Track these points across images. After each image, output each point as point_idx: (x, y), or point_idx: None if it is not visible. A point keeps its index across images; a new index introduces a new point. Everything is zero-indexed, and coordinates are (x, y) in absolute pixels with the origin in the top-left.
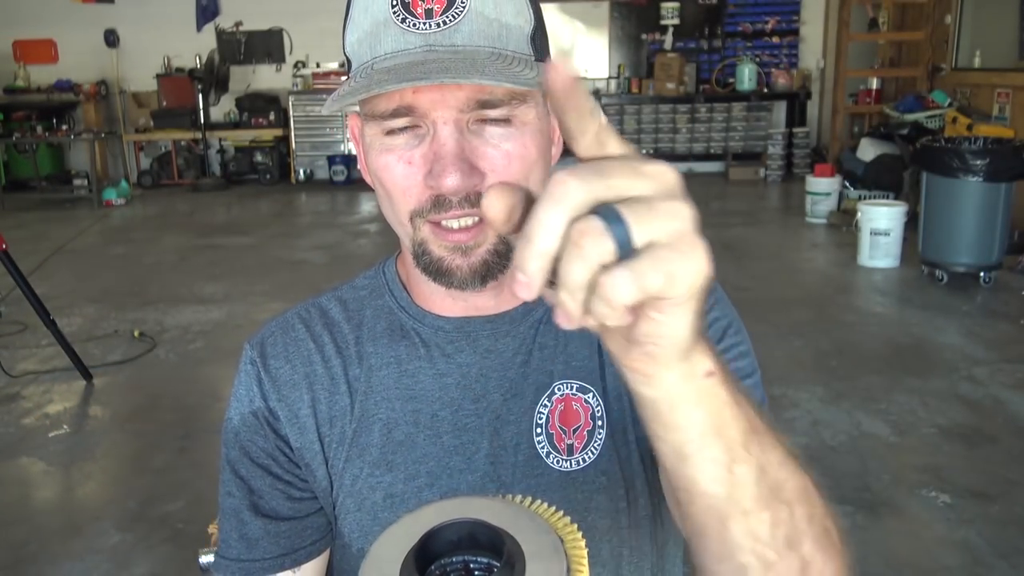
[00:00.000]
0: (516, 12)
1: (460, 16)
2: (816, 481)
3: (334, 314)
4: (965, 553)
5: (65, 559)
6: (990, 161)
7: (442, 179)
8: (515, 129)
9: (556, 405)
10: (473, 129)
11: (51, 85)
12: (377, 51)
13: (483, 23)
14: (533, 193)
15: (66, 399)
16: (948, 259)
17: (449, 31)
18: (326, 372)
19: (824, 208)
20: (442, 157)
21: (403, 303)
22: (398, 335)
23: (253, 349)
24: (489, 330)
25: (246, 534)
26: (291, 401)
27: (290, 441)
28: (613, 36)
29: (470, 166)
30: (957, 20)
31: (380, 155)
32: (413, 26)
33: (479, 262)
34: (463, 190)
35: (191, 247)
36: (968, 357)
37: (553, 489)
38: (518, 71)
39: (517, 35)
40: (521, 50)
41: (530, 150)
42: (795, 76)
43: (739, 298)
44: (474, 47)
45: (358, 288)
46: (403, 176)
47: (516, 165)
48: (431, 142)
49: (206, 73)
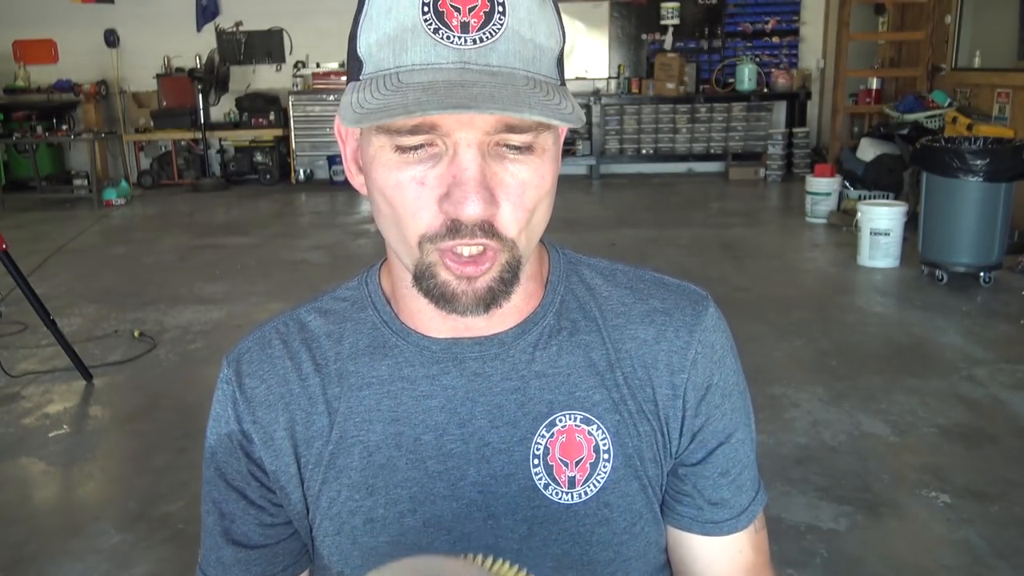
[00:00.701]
0: (549, 33)
1: (497, 34)
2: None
3: (314, 327)
4: (965, 553)
5: (65, 559)
6: (990, 161)
7: (462, 206)
8: (535, 157)
9: (558, 436)
10: (493, 152)
11: (51, 85)
12: (403, 60)
13: (519, 44)
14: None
15: (66, 399)
16: (948, 259)
17: (485, 49)
18: (303, 391)
19: (824, 208)
20: (463, 183)
21: (387, 318)
22: (380, 353)
23: (229, 367)
24: (477, 352)
25: (220, 558)
26: (266, 423)
27: (264, 464)
28: (613, 36)
29: (490, 194)
30: (957, 20)
31: (390, 172)
32: (447, 39)
33: (484, 288)
34: (482, 218)
35: (191, 247)
36: (968, 357)
37: (552, 521)
38: (556, 104)
39: (548, 58)
40: (551, 75)
41: (546, 180)
42: (795, 76)
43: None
44: (510, 69)
45: (339, 300)
46: (415, 199)
47: (530, 194)
48: (449, 164)
49: (206, 73)
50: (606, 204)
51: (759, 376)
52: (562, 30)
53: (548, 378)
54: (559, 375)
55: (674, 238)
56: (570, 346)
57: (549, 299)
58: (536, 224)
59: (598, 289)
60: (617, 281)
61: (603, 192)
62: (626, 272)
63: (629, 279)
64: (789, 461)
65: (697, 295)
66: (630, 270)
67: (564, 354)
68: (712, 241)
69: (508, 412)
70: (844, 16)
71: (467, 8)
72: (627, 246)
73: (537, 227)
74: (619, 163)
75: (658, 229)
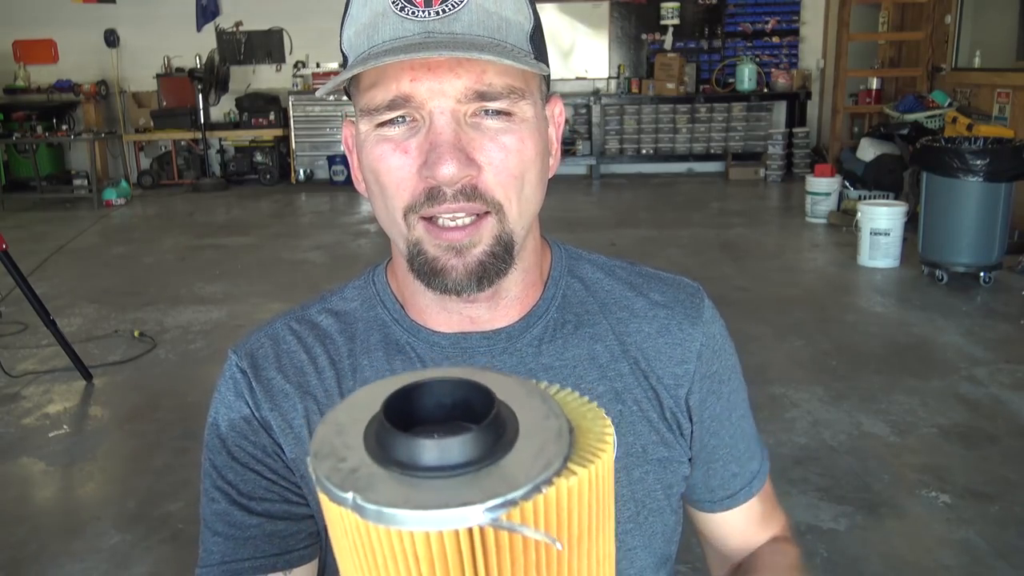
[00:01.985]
0: (516, 9)
1: (459, 6)
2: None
3: (325, 326)
4: (965, 553)
5: (65, 559)
6: (990, 161)
7: (437, 168)
8: (513, 124)
9: None
10: (471, 122)
11: (51, 85)
12: (374, 39)
13: (483, 15)
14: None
15: (66, 399)
16: (948, 259)
17: (448, 19)
18: (319, 383)
19: (824, 208)
20: (438, 146)
21: (396, 316)
22: (393, 349)
23: (242, 359)
24: (486, 346)
25: (236, 535)
26: (284, 411)
27: (284, 450)
28: (613, 36)
29: (467, 156)
30: (957, 20)
31: (375, 146)
32: (412, 14)
33: (474, 262)
34: (458, 179)
35: (191, 247)
36: (968, 357)
37: None
38: (518, 56)
39: (517, 30)
40: (520, 45)
41: (527, 146)
42: (795, 76)
43: (739, 298)
44: (473, 36)
45: (348, 300)
46: (397, 167)
47: (513, 160)
48: (427, 132)
49: (206, 73)
50: (606, 204)
51: (759, 376)
52: (532, 10)
53: (555, 371)
54: (565, 367)
55: (674, 238)
56: (575, 339)
57: (551, 292)
58: (528, 196)
59: (600, 283)
60: (617, 276)
61: (603, 192)
62: (624, 267)
63: (628, 274)
64: (789, 461)
65: (692, 288)
66: (628, 265)
67: (570, 347)
68: (712, 241)
69: None
70: (844, 16)
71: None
72: (627, 246)
73: (530, 200)
74: (619, 163)
75: (658, 229)
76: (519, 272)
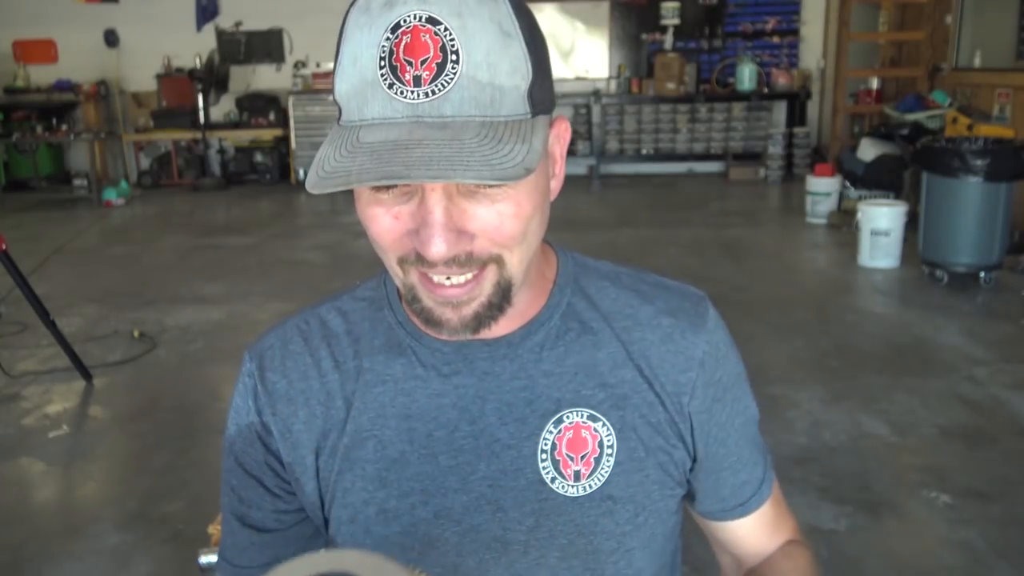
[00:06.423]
0: (512, 70)
1: (450, 84)
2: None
3: (333, 326)
4: (965, 553)
5: (65, 559)
6: (990, 161)
7: (427, 248)
8: (510, 188)
9: (564, 432)
10: (463, 190)
11: (51, 85)
12: (364, 114)
13: (475, 89)
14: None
15: (66, 399)
16: (948, 259)
17: (438, 101)
18: (322, 387)
19: (824, 208)
20: (429, 225)
21: (401, 319)
22: (396, 352)
23: (252, 361)
24: (487, 353)
25: (236, 542)
26: (285, 416)
27: (281, 456)
28: (613, 36)
29: (458, 233)
30: (957, 20)
31: (368, 206)
32: (401, 94)
33: (471, 315)
34: (449, 257)
35: (191, 247)
36: (968, 357)
37: (558, 513)
38: (506, 153)
39: (512, 96)
40: (516, 112)
41: (524, 207)
42: (795, 76)
43: (739, 298)
44: (464, 117)
45: (358, 299)
46: (389, 229)
47: (509, 223)
48: (419, 204)
49: (206, 73)
50: (606, 204)
51: (759, 376)
52: (531, 63)
53: (555, 377)
54: (566, 374)
55: (674, 238)
56: (578, 347)
57: (556, 300)
58: (530, 242)
59: (605, 291)
60: (622, 284)
61: (603, 192)
62: (629, 275)
63: (633, 282)
64: (789, 461)
65: (697, 296)
66: (633, 273)
67: (572, 354)
68: (712, 241)
69: (517, 409)
70: (844, 16)
71: (419, 61)
72: (627, 246)
73: (532, 245)
74: (619, 163)
75: (658, 229)
76: (522, 289)
